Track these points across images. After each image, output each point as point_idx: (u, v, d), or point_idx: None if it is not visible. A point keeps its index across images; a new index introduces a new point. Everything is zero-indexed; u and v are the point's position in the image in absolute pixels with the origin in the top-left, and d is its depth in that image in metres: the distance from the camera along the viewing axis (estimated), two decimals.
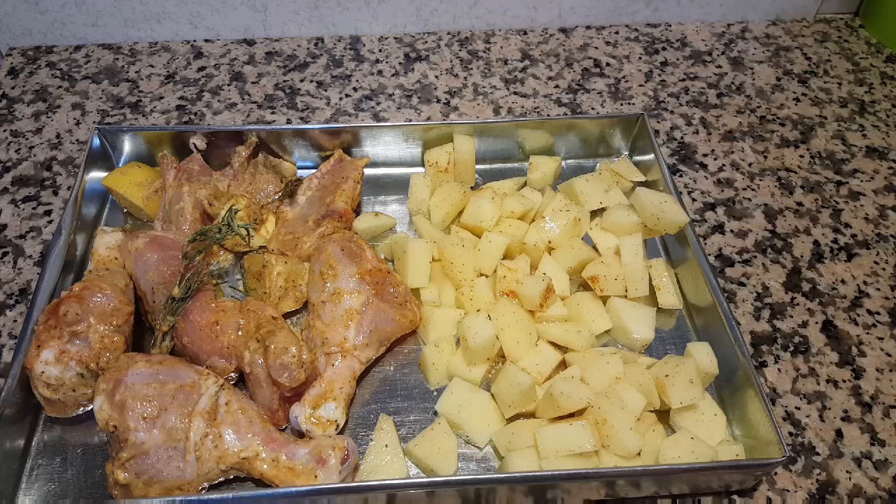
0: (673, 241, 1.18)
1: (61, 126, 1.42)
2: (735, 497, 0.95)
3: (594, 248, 1.17)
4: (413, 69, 1.55)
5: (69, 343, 0.95)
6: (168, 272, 1.04)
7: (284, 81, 1.52)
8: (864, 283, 1.18)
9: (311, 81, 1.52)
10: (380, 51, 1.60)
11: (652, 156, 1.26)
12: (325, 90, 1.50)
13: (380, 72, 1.54)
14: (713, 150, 1.40)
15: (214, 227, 1.09)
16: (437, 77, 1.53)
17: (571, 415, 0.95)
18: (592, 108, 1.47)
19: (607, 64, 1.57)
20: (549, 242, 1.15)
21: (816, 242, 1.24)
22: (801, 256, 1.22)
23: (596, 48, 1.61)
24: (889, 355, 1.09)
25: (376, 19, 1.60)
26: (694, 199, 1.31)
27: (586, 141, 1.33)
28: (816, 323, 1.13)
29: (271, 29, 1.61)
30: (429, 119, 1.44)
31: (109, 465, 0.89)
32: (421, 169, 1.32)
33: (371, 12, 1.59)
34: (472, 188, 1.26)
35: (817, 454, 0.99)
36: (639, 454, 0.93)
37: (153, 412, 0.89)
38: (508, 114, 1.46)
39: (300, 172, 1.30)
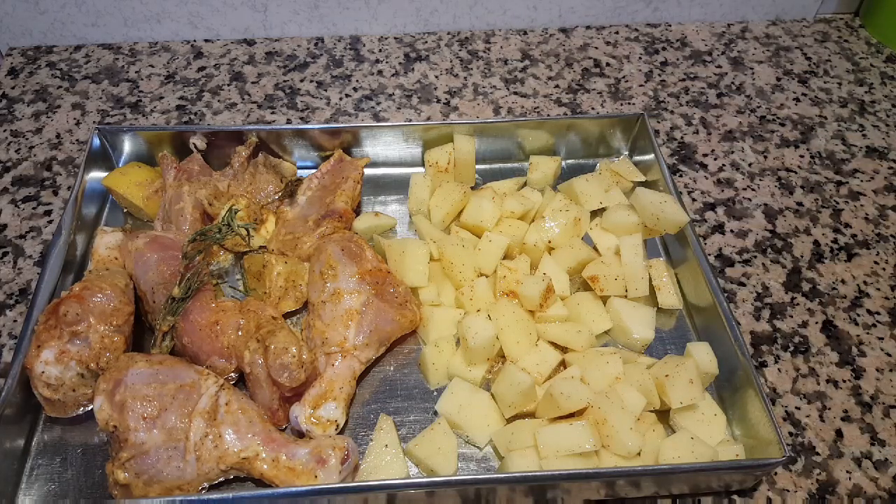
0: (673, 241, 1.18)
1: (61, 126, 1.42)
2: (735, 497, 0.95)
3: (594, 248, 1.17)
4: (413, 69, 1.55)
5: (69, 343, 0.95)
6: (168, 272, 1.04)
7: (284, 81, 1.52)
8: (864, 283, 1.18)
9: (311, 81, 1.52)
10: (380, 51, 1.60)
11: (652, 156, 1.26)
12: (325, 90, 1.50)
13: (380, 72, 1.54)
14: (713, 150, 1.40)
15: (214, 227, 1.09)
16: (437, 77, 1.53)
17: (571, 415, 0.95)
18: (592, 108, 1.47)
19: (607, 64, 1.58)
20: (549, 242, 1.15)
21: (816, 242, 1.24)
22: (801, 256, 1.22)
23: (596, 48, 1.61)
24: (889, 355, 1.09)
25: (376, 19, 1.60)
26: (694, 199, 1.31)
27: (586, 141, 1.33)
28: (816, 323, 1.13)
29: (271, 29, 1.61)
30: (429, 119, 1.44)
31: (109, 465, 0.89)
32: (421, 169, 1.32)
33: (371, 12, 1.59)
34: (472, 188, 1.26)
35: (817, 454, 0.99)
36: (639, 454, 0.93)
37: (153, 412, 0.89)
38: (508, 114, 1.46)
39: (300, 172, 1.30)
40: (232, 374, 1.01)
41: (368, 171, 1.29)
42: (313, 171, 1.26)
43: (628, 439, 0.91)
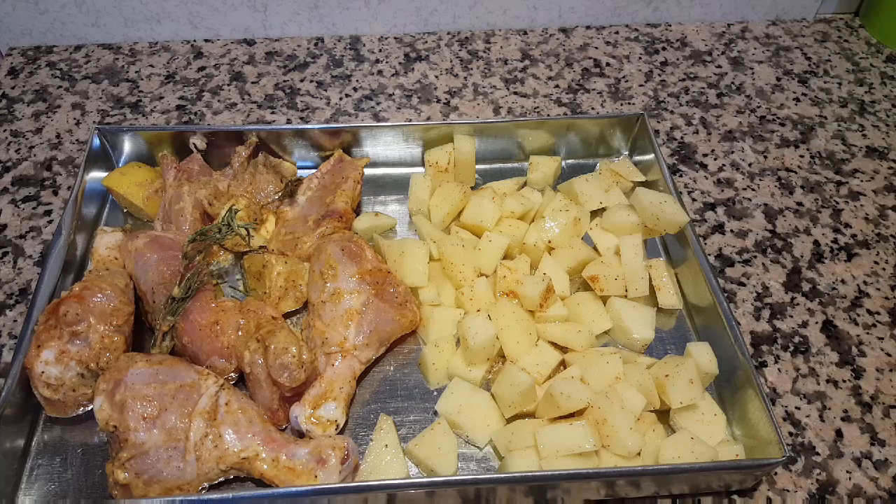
0: (673, 241, 1.18)
1: (61, 126, 1.42)
2: (735, 497, 0.95)
3: (594, 248, 1.17)
4: (413, 69, 1.55)
5: (69, 343, 0.95)
6: (168, 272, 1.04)
7: (284, 81, 1.52)
8: (864, 283, 1.18)
9: (311, 81, 1.52)
10: (380, 51, 1.60)
11: (652, 156, 1.26)
12: (325, 90, 1.50)
13: (380, 72, 1.54)
14: (713, 150, 1.40)
15: (214, 227, 1.09)
16: (437, 77, 1.53)
17: (571, 415, 0.95)
18: (592, 108, 1.47)
19: (607, 64, 1.58)
20: (549, 242, 1.15)
21: (816, 242, 1.24)
22: (801, 256, 1.22)
23: (596, 48, 1.61)
24: (889, 355, 1.09)
25: (376, 19, 1.60)
26: (694, 199, 1.31)
27: (586, 141, 1.33)
28: (816, 323, 1.13)
29: (271, 29, 1.61)
30: (429, 119, 1.44)
31: (109, 465, 0.89)
32: (421, 169, 1.32)
33: (371, 12, 1.59)
34: (472, 188, 1.26)
35: (817, 454, 0.99)
36: (639, 454, 0.93)
37: (153, 412, 0.89)
38: (508, 114, 1.46)
39: (300, 172, 1.30)
40: (232, 374, 1.01)
41: (368, 171, 1.29)
42: (313, 171, 1.26)
43: (628, 439, 0.91)
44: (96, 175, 1.24)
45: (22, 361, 0.95)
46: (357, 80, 1.52)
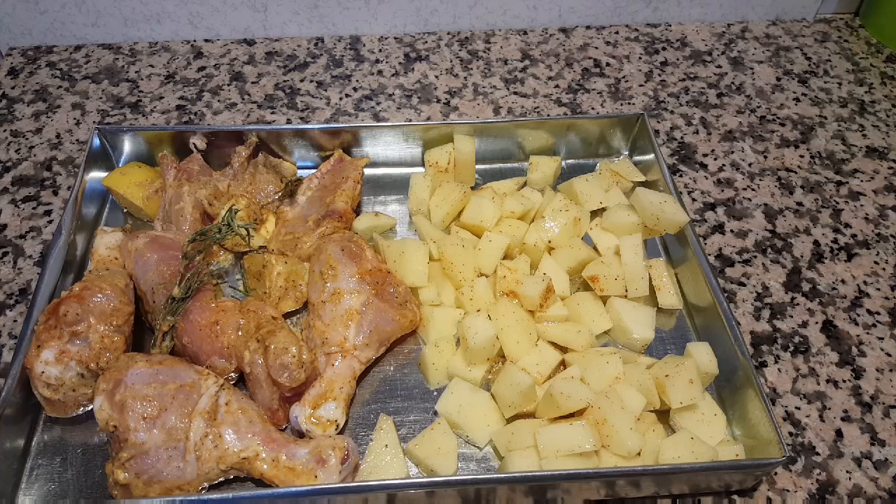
0: (673, 241, 1.18)
1: (61, 126, 1.42)
2: (735, 497, 0.95)
3: (594, 248, 1.17)
4: (413, 69, 1.55)
5: (69, 343, 0.95)
6: (168, 272, 1.04)
7: (284, 81, 1.52)
8: (864, 283, 1.18)
9: (311, 81, 1.52)
10: (380, 51, 1.60)
11: (652, 156, 1.26)
12: (325, 90, 1.50)
13: (380, 72, 1.54)
14: (713, 150, 1.40)
15: (214, 227, 1.09)
16: (437, 77, 1.53)
17: (571, 415, 0.95)
18: (592, 108, 1.47)
19: (607, 64, 1.58)
20: (549, 242, 1.15)
21: (816, 242, 1.24)
22: (801, 256, 1.22)
23: (596, 48, 1.61)
24: (889, 355, 1.09)
25: (376, 19, 1.60)
26: (694, 199, 1.31)
27: (586, 141, 1.33)
28: (816, 323, 1.13)
29: (271, 29, 1.61)
30: (429, 119, 1.44)
31: (109, 465, 0.89)
32: (421, 169, 1.32)
33: (371, 12, 1.59)
34: (472, 188, 1.26)
35: (817, 454, 0.99)
36: (639, 454, 0.93)
37: (153, 412, 0.89)
38: (508, 114, 1.46)
39: (300, 172, 1.30)
40: (232, 374, 1.01)
41: (368, 171, 1.29)
42: (313, 171, 1.26)
43: (628, 439, 0.91)
44: (96, 175, 1.24)
45: (22, 361, 0.95)
46: (357, 80, 1.52)
